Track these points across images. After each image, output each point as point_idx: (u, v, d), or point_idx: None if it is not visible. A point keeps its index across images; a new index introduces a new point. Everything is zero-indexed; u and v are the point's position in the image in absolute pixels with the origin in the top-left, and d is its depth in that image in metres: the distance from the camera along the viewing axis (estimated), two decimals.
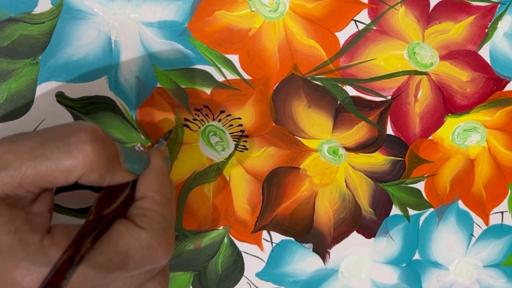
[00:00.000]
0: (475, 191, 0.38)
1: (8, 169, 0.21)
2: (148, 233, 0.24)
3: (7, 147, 0.22)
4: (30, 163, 0.21)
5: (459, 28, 0.37)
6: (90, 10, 0.31)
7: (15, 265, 0.21)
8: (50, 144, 0.22)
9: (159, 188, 0.26)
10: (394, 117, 0.36)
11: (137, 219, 0.24)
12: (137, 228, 0.24)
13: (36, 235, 0.22)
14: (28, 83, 0.30)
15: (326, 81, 0.35)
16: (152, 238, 0.24)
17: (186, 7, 0.32)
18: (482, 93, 0.37)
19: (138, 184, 0.26)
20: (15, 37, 0.30)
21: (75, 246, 0.22)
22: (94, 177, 0.23)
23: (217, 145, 0.34)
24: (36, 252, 0.22)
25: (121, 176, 0.24)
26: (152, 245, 0.24)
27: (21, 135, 0.23)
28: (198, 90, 0.33)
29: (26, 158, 0.22)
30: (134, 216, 0.25)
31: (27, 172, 0.21)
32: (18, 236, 0.22)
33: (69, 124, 0.24)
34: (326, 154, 0.36)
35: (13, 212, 0.22)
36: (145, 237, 0.24)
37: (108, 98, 0.31)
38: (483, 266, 0.39)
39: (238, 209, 0.34)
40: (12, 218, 0.22)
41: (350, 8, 0.35)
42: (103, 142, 0.23)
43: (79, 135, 0.22)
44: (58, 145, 0.22)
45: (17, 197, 0.22)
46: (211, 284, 0.35)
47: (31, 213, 0.23)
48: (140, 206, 0.25)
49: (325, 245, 0.36)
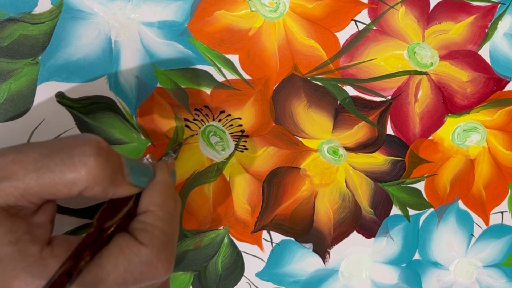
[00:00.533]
0: (475, 191, 0.38)
1: (11, 180, 0.21)
2: (148, 249, 0.24)
3: (11, 157, 0.22)
4: (34, 174, 0.21)
5: (459, 28, 0.37)
6: (90, 10, 0.31)
7: (14, 276, 0.21)
8: (54, 156, 0.22)
9: (162, 203, 0.26)
10: (394, 117, 0.36)
11: (138, 234, 0.24)
12: (138, 244, 0.24)
13: (36, 246, 0.22)
14: (28, 83, 0.30)
15: (326, 81, 0.35)
16: (152, 254, 0.24)
17: (186, 7, 0.32)
18: (482, 93, 0.37)
19: (141, 198, 0.26)
20: (15, 37, 0.30)
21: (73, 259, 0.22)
22: (97, 190, 0.23)
23: (217, 145, 0.34)
24: (35, 263, 0.22)
25: (125, 189, 0.24)
26: (151, 261, 0.24)
27: (26, 146, 0.23)
28: (198, 90, 0.33)
29: (30, 169, 0.22)
30: (135, 231, 0.25)
31: (30, 183, 0.21)
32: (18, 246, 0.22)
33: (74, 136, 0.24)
34: (326, 154, 0.36)
35: (14, 222, 0.22)
36: (145, 253, 0.24)
37: (108, 98, 0.31)
38: (483, 266, 0.39)
39: (238, 209, 0.34)
40: (13, 228, 0.22)
41: (350, 8, 0.35)
42: (107, 156, 0.23)
43: (83, 148, 0.22)
44: (62, 158, 0.22)
45: (19, 208, 0.22)
46: (211, 284, 0.35)
47: (32, 224, 0.23)
48: (142, 220, 0.25)
49: (325, 245, 0.36)
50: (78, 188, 0.22)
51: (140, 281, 0.24)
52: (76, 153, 0.22)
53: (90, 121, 0.31)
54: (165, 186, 0.26)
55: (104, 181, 0.23)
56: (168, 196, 0.26)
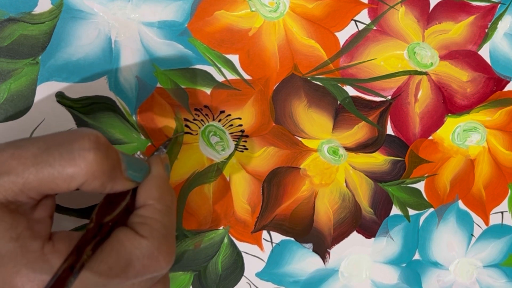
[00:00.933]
0: (475, 191, 0.38)
1: (10, 175, 0.21)
2: (149, 241, 0.24)
3: (10, 153, 0.22)
4: (33, 169, 0.21)
5: (459, 28, 0.37)
6: (90, 10, 0.31)
7: (16, 272, 0.21)
8: (53, 150, 0.22)
9: (160, 196, 0.26)
10: (394, 117, 0.36)
11: (138, 228, 0.24)
12: (138, 237, 0.24)
13: (37, 242, 0.22)
14: (28, 83, 0.30)
15: (326, 81, 0.35)
16: (153, 247, 0.24)
17: (186, 7, 0.32)
18: (482, 93, 0.37)
19: (138, 192, 0.26)
20: (15, 37, 0.30)
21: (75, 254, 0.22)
22: (95, 185, 0.23)
23: (217, 145, 0.34)
24: (37, 259, 0.22)
25: (122, 184, 0.24)
26: (153, 254, 0.24)
27: (25, 141, 0.23)
28: (198, 90, 0.33)
29: (29, 164, 0.22)
30: (135, 225, 0.25)
31: (29, 178, 0.21)
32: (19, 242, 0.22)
33: (72, 131, 0.24)
34: (326, 154, 0.36)
35: (14, 219, 0.22)
36: (146, 246, 0.24)
37: (108, 98, 0.31)
38: (483, 266, 0.39)
39: (238, 209, 0.34)
40: (14, 224, 0.22)
41: (350, 8, 0.35)
42: (106, 150, 0.23)
43: (82, 142, 0.22)
44: (61, 152, 0.22)
45: (18, 203, 0.22)
46: (211, 284, 0.35)
47: (33, 220, 0.23)
48: (140, 214, 0.25)
49: (325, 245, 0.36)
50: (77, 183, 0.22)
51: (143, 274, 0.24)
52: (75, 147, 0.22)
53: (90, 121, 0.31)
54: (161, 180, 0.27)
55: (103, 175, 0.23)
56: (165, 189, 0.26)
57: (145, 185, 0.26)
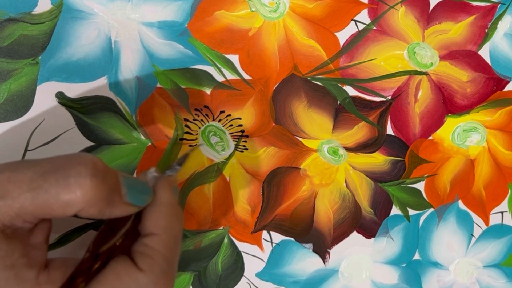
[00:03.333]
0: (475, 191, 0.38)
1: (6, 199, 0.21)
2: (146, 276, 0.23)
3: (7, 176, 0.21)
4: (28, 194, 0.21)
5: (459, 28, 0.37)
6: (90, 10, 0.31)
7: None
8: (49, 176, 0.21)
9: (167, 226, 0.25)
10: (394, 117, 0.36)
11: (139, 258, 0.24)
12: (136, 270, 0.23)
13: (32, 270, 0.22)
14: (28, 83, 0.30)
15: (326, 81, 0.35)
16: (151, 283, 0.23)
17: (186, 7, 0.32)
18: (482, 93, 0.37)
19: (145, 219, 0.25)
20: (15, 37, 0.30)
21: (69, 286, 0.22)
22: (93, 212, 0.22)
23: (217, 145, 0.34)
24: None
25: (122, 209, 0.24)
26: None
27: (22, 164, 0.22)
28: (198, 90, 0.33)
29: (25, 188, 0.21)
30: (137, 254, 0.24)
31: (25, 203, 0.21)
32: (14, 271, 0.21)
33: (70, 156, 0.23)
34: (326, 154, 0.36)
35: (10, 245, 0.22)
36: (143, 280, 0.23)
37: (108, 98, 0.31)
38: (483, 266, 0.39)
39: (238, 209, 0.34)
40: (9, 251, 0.21)
41: (350, 8, 0.35)
42: (103, 176, 0.22)
43: (78, 169, 0.22)
44: (57, 178, 0.21)
45: (14, 227, 0.22)
46: (211, 284, 0.34)
47: (29, 245, 0.23)
48: (145, 243, 0.25)
49: (325, 245, 0.36)
50: (73, 210, 0.22)
51: None
52: (72, 174, 0.22)
53: (90, 121, 0.31)
54: (169, 207, 0.26)
55: (100, 202, 0.22)
56: (173, 217, 0.26)
57: (152, 213, 0.25)
